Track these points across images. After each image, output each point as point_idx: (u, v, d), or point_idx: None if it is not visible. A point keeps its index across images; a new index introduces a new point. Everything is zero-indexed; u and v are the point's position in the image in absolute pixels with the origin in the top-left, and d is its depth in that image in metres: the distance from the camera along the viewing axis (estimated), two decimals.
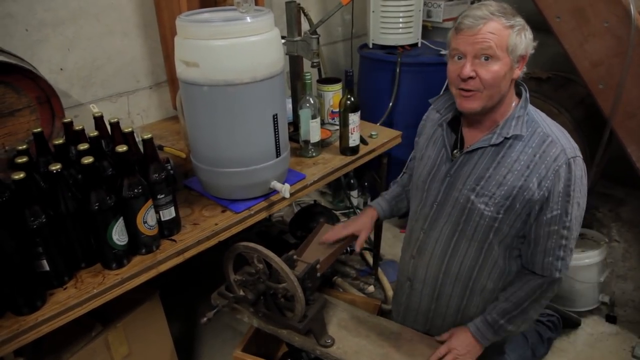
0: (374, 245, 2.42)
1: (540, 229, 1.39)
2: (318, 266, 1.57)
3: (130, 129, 1.44)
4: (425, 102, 1.69)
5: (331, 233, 1.77)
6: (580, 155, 1.38)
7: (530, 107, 1.42)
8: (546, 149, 1.34)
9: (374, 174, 2.14)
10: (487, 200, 1.40)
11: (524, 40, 1.32)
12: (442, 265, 1.54)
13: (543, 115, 1.44)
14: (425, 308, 1.64)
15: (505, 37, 1.29)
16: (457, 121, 1.51)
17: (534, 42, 1.37)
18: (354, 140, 1.95)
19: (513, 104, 1.41)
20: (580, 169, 1.36)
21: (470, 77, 1.31)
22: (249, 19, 1.43)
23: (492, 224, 1.41)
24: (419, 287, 1.63)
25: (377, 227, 2.38)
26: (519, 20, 1.32)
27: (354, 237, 1.76)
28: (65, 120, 1.54)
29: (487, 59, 1.29)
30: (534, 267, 1.45)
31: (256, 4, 1.64)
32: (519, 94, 1.45)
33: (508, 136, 1.37)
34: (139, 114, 2.33)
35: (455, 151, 1.49)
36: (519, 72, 1.36)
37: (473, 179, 1.42)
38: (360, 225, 1.76)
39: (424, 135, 1.63)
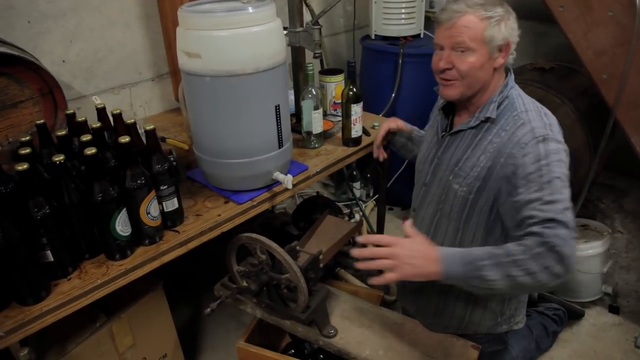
0: None
1: (520, 212, 1.28)
2: (321, 257, 1.58)
3: (132, 121, 1.44)
4: (427, 93, 1.71)
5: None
6: (553, 135, 1.34)
7: (514, 92, 1.45)
8: (516, 131, 1.37)
9: (377, 165, 2.14)
10: (461, 181, 1.46)
11: (502, 30, 1.36)
12: None
13: (527, 99, 1.46)
14: (413, 286, 1.71)
15: (480, 30, 1.35)
16: (452, 107, 1.57)
17: (518, 30, 1.39)
18: (356, 131, 1.95)
19: (498, 88, 1.46)
20: (552, 145, 1.31)
21: (447, 69, 1.40)
22: (250, 10, 1.43)
23: (465, 204, 1.46)
24: None
25: (380, 219, 2.38)
26: (499, 11, 1.35)
27: (357, 228, 1.80)
28: (68, 112, 1.54)
29: (463, 50, 1.37)
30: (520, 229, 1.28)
31: None
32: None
33: (483, 119, 1.43)
34: (142, 105, 2.33)
35: (443, 134, 1.57)
36: (502, 61, 1.41)
37: (454, 160, 1.49)
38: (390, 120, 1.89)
39: (430, 122, 1.72)
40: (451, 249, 1.29)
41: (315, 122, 1.90)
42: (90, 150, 1.24)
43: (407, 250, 1.23)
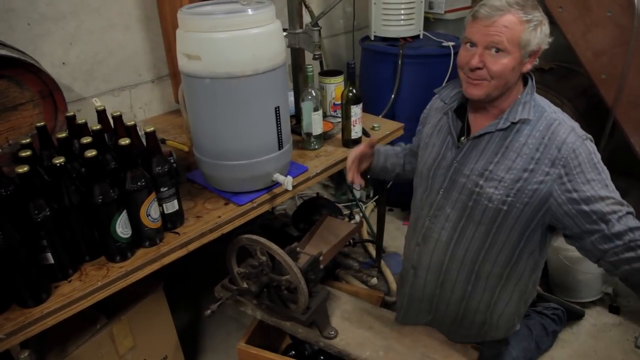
0: (377, 237, 2.43)
1: (594, 208, 1.31)
2: (321, 258, 1.58)
3: (132, 123, 1.44)
4: (427, 94, 1.69)
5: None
6: (592, 138, 1.39)
7: (536, 95, 1.43)
8: (555, 130, 1.35)
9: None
10: (497, 184, 1.40)
11: (538, 35, 1.32)
12: (447, 250, 1.53)
13: (548, 102, 1.45)
14: (429, 294, 1.63)
15: (518, 32, 1.30)
16: (463, 109, 1.52)
17: (550, 38, 1.36)
18: (356, 132, 1.95)
19: (520, 91, 1.43)
20: (593, 145, 1.36)
21: (478, 68, 1.34)
22: (250, 11, 1.43)
23: (500, 207, 1.41)
24: (422, 275, 1.62)
25: (380, 220, 2.39)
26: (537, 15, 1.32)
27: (357, 229, 1.78)
28: (68, 114, 1.54)
29: (497, 51, 1.32)
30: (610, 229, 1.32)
31: None
32: (524, 82, 1.46)
33: (515, 121, 1.38)
34: (142, 107, 2.33)
35: (462, 138, 1.51)
36: (529, 66, 1.38)
37: (481, 164, 1.43)
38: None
39: (429, 125, 1.65)
40: None
41: (315, 123, 1.90)
42: (91, 153, 1.24)
43: None
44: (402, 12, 2.67)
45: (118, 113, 1.53)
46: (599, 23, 1.85)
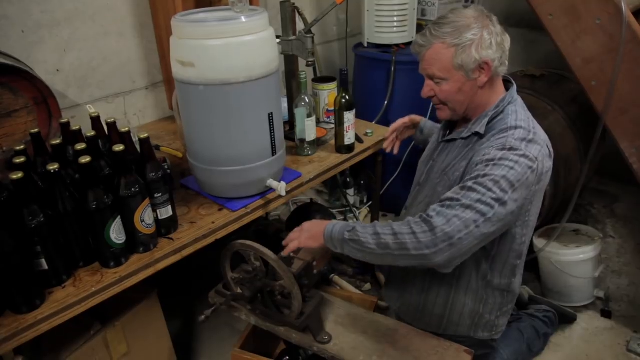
0: None
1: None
2: (314, 263, 1.59)
3: (127, 129, 1.45)
4: (420, 100, 1.71)
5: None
6: (523, 151, 1.33)
7: (511, 108, 1.45)
8: (496, 141, 1.39)
9: (370, 172, 2.16)
10: (445, 184, 1.50)
11: (473, 54, 1.36)
12: None
13: (522, 116, 1.44)
14: (399, 281, 1.73)
15: (448, 59, 1.38)
16: None
17: (495, 47, 1.38)
18: (349, 138, 1.97)
19: (494, 102, 1.47)
20: (512, 156, 1.30)
21: (431, 96, 1.48)
22: (243, 19, 1.44)
23: None
24: None
25: None
26: (469, 36, 1.35)
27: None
28: (62, 121, 1.55)
29: (438, 81, 1.43)
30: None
31: (251, 4, 1.65)
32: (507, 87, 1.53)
33: (474, 132, 1.46)
34: (136, 114, 2.34)
35: (440, 140, 1.61)
36: (484, 79, 1.41)
37: (444, 166, 1.53)
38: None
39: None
40: (334, 222, 1.46)
41: (308, 129, 1.92)
42: (85, 159, 1.25)
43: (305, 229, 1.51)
44: (395, 19, 2.69)
45: (112, 119, 1.53)
46: (588, 31, 1.88)
